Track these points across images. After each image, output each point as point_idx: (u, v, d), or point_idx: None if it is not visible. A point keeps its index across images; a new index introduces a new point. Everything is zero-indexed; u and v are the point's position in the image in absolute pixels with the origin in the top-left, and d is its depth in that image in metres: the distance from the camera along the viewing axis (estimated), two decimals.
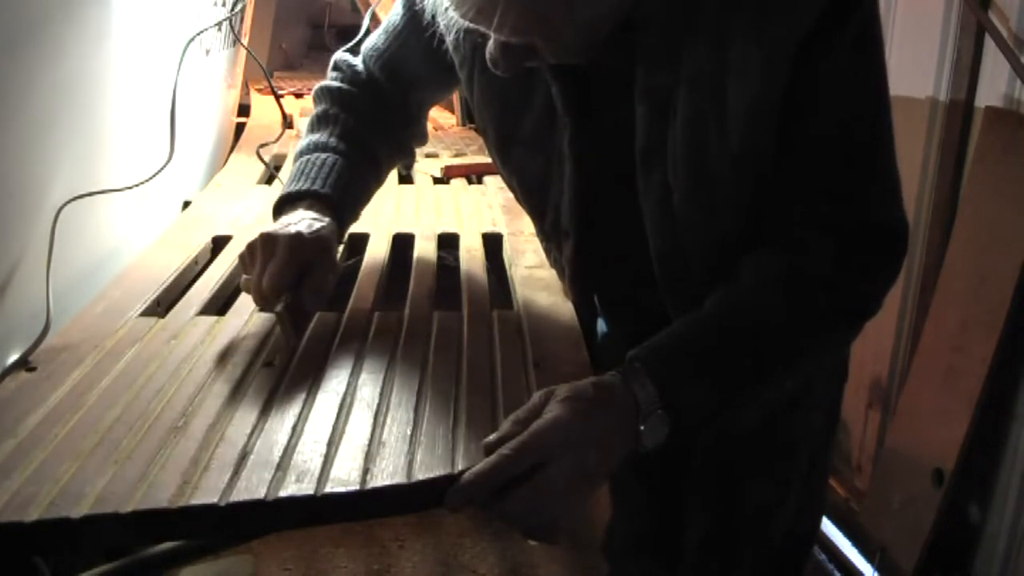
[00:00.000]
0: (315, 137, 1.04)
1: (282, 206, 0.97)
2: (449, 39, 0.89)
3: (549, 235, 0.99)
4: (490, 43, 0.79)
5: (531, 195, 0.99)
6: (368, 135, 1.05)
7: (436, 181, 1.72)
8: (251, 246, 0.90)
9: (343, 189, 0.99)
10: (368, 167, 1.05)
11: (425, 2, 0.87)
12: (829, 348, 0.88)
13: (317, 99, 1.10)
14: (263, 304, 0.89)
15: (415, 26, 0.99)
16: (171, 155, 1.27)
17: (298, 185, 0.98)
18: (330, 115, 1.06)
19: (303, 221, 0.91)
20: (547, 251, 1.06)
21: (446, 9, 0.74)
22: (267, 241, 0.88)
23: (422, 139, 1.16)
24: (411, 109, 1.11)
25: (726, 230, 0.83)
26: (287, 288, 0.87)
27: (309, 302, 0.89)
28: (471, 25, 0.73)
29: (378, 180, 1.09)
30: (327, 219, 0.94)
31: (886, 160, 0.80)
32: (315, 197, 0.96)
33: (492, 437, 0.70)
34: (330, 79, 1.11)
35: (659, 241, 0.85)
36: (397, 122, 1.10)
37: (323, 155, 1.00)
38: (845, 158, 0.79)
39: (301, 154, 1.02)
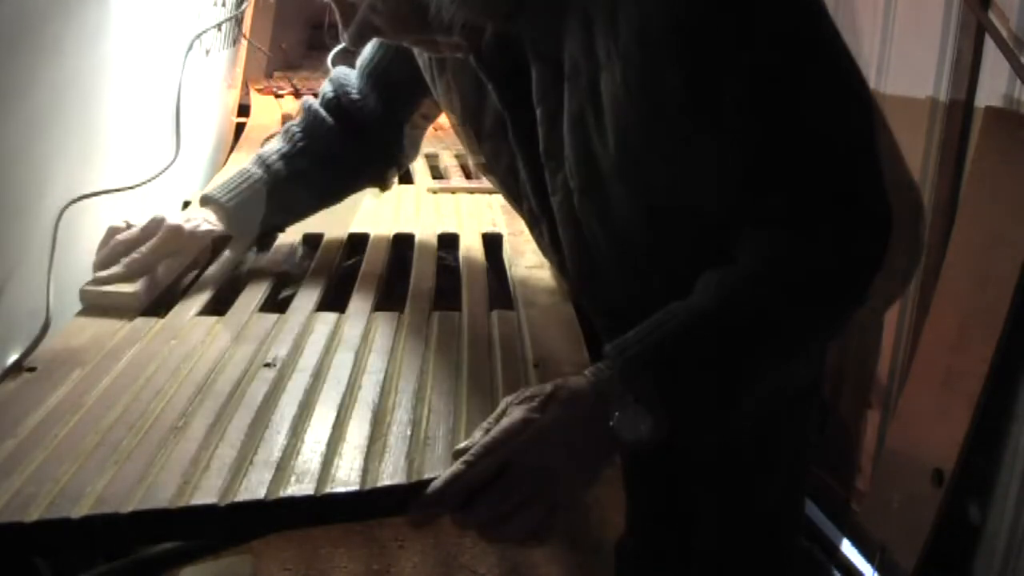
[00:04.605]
0: (271, 147, 1.16)
1: (202, 201, 1.13)
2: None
3: (529, 222, 1.00)
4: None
5: (506, 187, 1.01)
6: (320, 166, 1.14)
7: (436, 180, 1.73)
8: (152, 221, 1.03)
9: (246, 208, 1.11)
10: (300, 192, 1.15)
11: None
12: (810, 339, 0.82)
13: (301, 109, 1.19)
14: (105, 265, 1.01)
15: None
16: (176, 154, 1.28)
17: (219, 193, 1.11)
18: (293, 135, 1.16)
19: (195, 220, 1.07)
20: (537, 241, 1.03)
21: None
22: (155, 221, 1.02)
23: (404, 157, 1.22)
24: (395, 119, 1.16)
25: (625, 230, 0.80)
26: (147, 270, 1.00)
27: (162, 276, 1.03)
28: None
29: (315, 205, 1.19)
30: (221, 227, 1.10)
31: (862, 149, 0.75)
32: (219, 207, 1.10)
33: (461, 445, 0.68)
34: (321, 94, 1.19)
35: (567, 239, 0.85)
36: (372, 147, 1.16)
37: (257, 172, 1.12)
38: (817, 151, 0.74)
39: (256, 160, 1.14)
